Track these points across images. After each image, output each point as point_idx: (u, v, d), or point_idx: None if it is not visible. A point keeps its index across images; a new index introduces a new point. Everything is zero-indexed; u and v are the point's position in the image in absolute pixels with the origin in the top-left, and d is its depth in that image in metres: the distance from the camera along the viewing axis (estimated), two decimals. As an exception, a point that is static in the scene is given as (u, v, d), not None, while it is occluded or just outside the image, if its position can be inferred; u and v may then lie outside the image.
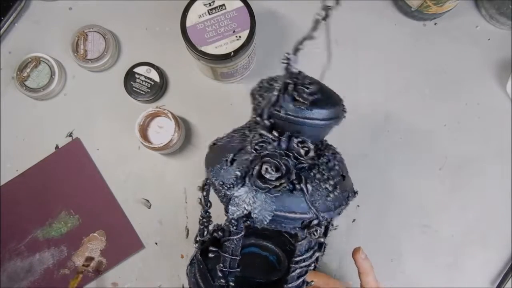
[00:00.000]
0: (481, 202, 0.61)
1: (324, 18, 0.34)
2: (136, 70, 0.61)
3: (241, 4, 0.53)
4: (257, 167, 0.35)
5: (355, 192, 0.42)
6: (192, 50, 0.53)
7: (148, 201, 0.61)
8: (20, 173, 0.61)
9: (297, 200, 0.36)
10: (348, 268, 0.60)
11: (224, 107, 0.62)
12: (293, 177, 0.35)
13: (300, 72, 0.35)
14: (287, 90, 0.34)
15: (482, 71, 0.63)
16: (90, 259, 0.59)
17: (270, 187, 0.34)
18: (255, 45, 0.57)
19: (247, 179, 0.35)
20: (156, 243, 0.61)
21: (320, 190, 0.37)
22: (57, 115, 0.62)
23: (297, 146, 0.35)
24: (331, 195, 0.37)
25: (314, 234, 0.37)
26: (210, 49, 0.53)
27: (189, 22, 0.53)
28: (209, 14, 0.53)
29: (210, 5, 0.53)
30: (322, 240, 0.38)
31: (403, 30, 0.63)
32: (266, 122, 0.35)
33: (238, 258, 0.40)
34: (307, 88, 0.34)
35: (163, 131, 0.59)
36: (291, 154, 0.35)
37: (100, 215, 0.61)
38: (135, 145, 0.62)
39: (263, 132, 0.35)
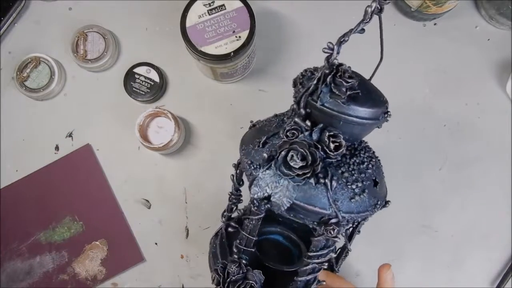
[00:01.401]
0: (481, 202, 0.61)
1: (380, 11, 0.32)
2: (136, 70, 0.61)
3: (241, 4, 0.53)
4: (283, 153, 0.35)
5: (386, 202, 0.41)
6: (192, 50, 0.53)
7: (148, 201, 0.61)
8: (21, 174, 0.61)
9: (319, 194, 0.36)
10: (348, 270, 0.60)
11: (224, 107, 0.62)
12: (319, 169, 0.34)
13: (341, 64, 0.34)
14: (325, 81, 0.34)
15: (482, 71, 0.63)
16: None
17: (293, 174, 0.34)
18: (255, 45, 0.57)
19: (273, 162, 0.35)
20: (156, 243, 0.61)
21: (346, 189, 0.36)
22: (57, 115, 0.62)
23: (328, 139, 0.34)
24: (356, 198, 0.37)
25: (330, 233, 0.37)
26: (210, 49, 0.53)
27: (189, 22, 0.53)
28: (209, 14, 0.53)
29: (210, 5, 0.53)
30: (337, 240, 0.38)
31: (403, 30, 0.63)
32: (302, 110, 0.35)
33: (254, 238, 0.40)
34: (346, 82, 0.33)
35: (163, 131, 0.59)
36: (320, 147, 0.35)
37: (104, 224, 0.60)
38: (135, 145, 0.62)
39: (297, 120, 0.35)
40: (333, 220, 0.36)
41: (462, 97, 0.62)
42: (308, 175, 0.34)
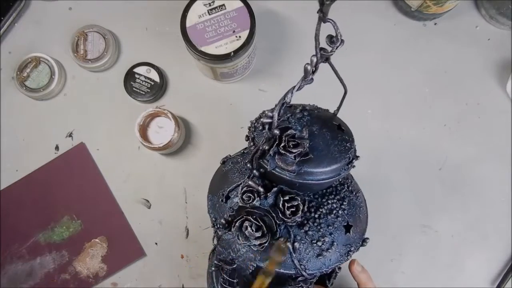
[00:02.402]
0: (481, 202, 0.61)
1: (326, 60, 0.30)
2: (136, 70, 0.61)
3: (241, 4, 0.53)
4: (237, 223, 0.33)
5: (364, 241, 0.39)
6: (192, 50, 0.53)
7: (148, 201, 0.61)
8: (21, 174, 0.61)
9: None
10: (348, 270, 0.60)
11: (224, 107, 0.62)
12: (277, 236, 0.33)
13: (286, 129, 0.31)
14: (269, 152, 0.31)
15: (482, 71, 0.63)
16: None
17: (250, 244, 0.33)
18: (255, 45, 0.57)
19: (232, 227, 0.34)
20: (156, 243, 0.61)
21: (311, 248, 0.34)
22: (57, 115, 0.62)
23: (283, 205, 0.32)
24: (324, 253, 0.35)
25: None
26: (210, 49, 0.53)
27: (189, 22, 0.53)
28: (209, 14, 0.53)
29: (210, 5, 0.53)
30: None
31: (403, 30, 0.63)
32: (255, 172, 0.33)
33: (235, 281, 0.40)
34: (291, 152, 0.30)
35: (163, 131, 0.59)
36: (274, 215, 0.33)
37: (103, 221, 0.60)
38: (135, 145, 0.62)
39: (251, 183, 0.33)
40: (300, 278, 0.35)
41: (462, 97, 0.62)
42: (266, 244, 0.33)
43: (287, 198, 0.32)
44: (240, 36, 0.53)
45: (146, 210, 0.61)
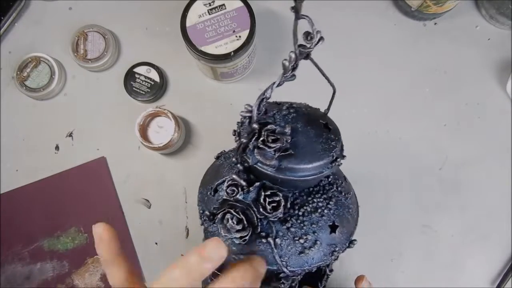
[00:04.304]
0: (481, 202, 0.61)
1: (307, 57, 0.30)
2: (136, 70, 0.61)
3: (241, 4, 0.53)
4: (219, 215, 0.33)
5: (351, 242, 0.38)
6: (192, 50, 0.53)
7: (148, 201, 0.61)
8: (21, 174, 0.61)
9: (265, 251, 0.34)
10: (348, 270, 0.60)
11: (224, 107, 0.62)
12: (258, 230, 0.33)
13: (266, 124, 0.31)
14: (248, 147, 0.31)
15: (482, 71, 0.63)
16: None
17: (231, 237, 0.33)
18: (255, 45, 0.57)
19: (216, 220, 0.34)
20: (156, 243, 0.61)
21: (293, 245, 0.35)
22: (57, 115, 0.62)
23: (264, 200, 0.32)
24: (306, 251, 0.35)
25: (280, 286, 0.36)
26: (210, 49, 0.53)
27: (189, 22, 0.53)
28: (209, 14, 0.53)
29: (210, 5, 0.54)
30: None
31: (403, 30, 0.63)
32: (240, 166, 0.33)
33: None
34: (269, 146, 0.31)
35: (163, 131, 0.59)
36: (255, 210, 0.33)
37: None
38: (135, 145, 0.62)
39: (235, 176, 0.33)
40: (282, 275, 0.35)
41: (462, 97, 0.62)
42: (247, 237, 0.33)
43: (268, 193, 0.33)
44: (240, 36, 0.53)
45: (146, 210, 0.61)
